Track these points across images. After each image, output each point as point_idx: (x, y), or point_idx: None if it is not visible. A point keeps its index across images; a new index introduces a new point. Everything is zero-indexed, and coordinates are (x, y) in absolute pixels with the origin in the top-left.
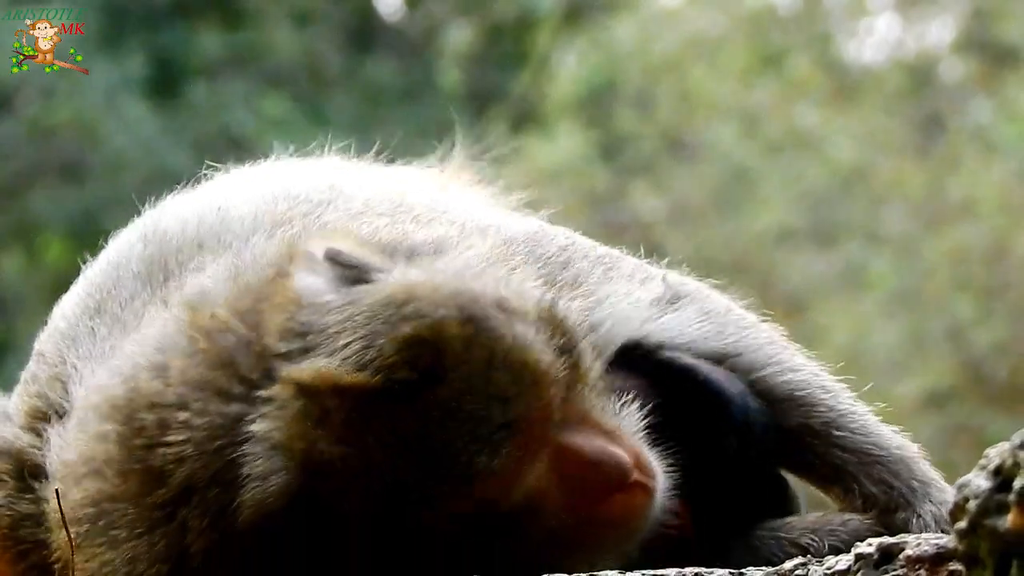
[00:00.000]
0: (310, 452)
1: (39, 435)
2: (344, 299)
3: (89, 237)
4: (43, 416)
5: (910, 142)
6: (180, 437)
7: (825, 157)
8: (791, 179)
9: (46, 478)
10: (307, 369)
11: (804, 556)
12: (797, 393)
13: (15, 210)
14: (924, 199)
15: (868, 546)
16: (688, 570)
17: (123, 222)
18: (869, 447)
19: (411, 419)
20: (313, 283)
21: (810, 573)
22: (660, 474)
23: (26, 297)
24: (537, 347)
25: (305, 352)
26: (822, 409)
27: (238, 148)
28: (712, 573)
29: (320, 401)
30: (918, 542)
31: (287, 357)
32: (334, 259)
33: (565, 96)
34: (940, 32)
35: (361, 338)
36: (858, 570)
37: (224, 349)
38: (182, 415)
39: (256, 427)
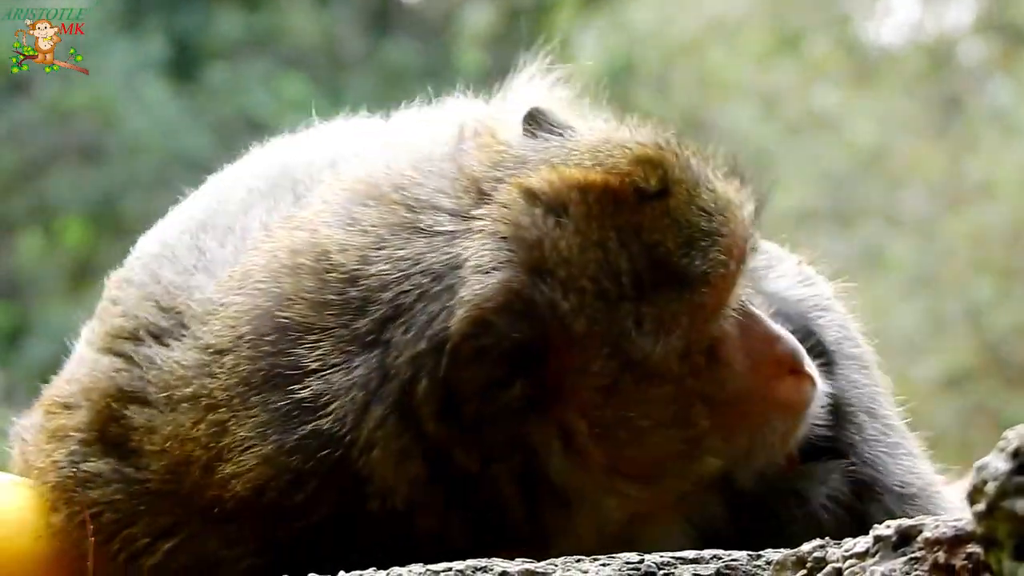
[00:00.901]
0: (538, 244)
1: (125, 356)
2: (563, 137)
3: (107, 219)
4: (131, 336)
5: (929, 124)
6: (383, 267)
7: (844, 139)
8: (809, 161)
9: (135, 401)
10: (541, 173)
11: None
12: (866, 434)
13: (33, 193)
14: (943, 181)
15: (886, 528)
16: (706, 552)
17: (142, 204)
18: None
19: (643, 222)
20: (518, 133)
21: (828, 555)
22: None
23: (44, 280)
24: (733, 185)
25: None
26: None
27: (257, 130)
28: (730, 554)
29: (555, 198)
30: (936, 524)
31: (504, 181)
32: (536, 117)
33: (584, 78)
34: (959, 13)
35: (593, 156)
36: (876, 552)
37: (423, 193)
38: (383, 252)
39: (481, 224)
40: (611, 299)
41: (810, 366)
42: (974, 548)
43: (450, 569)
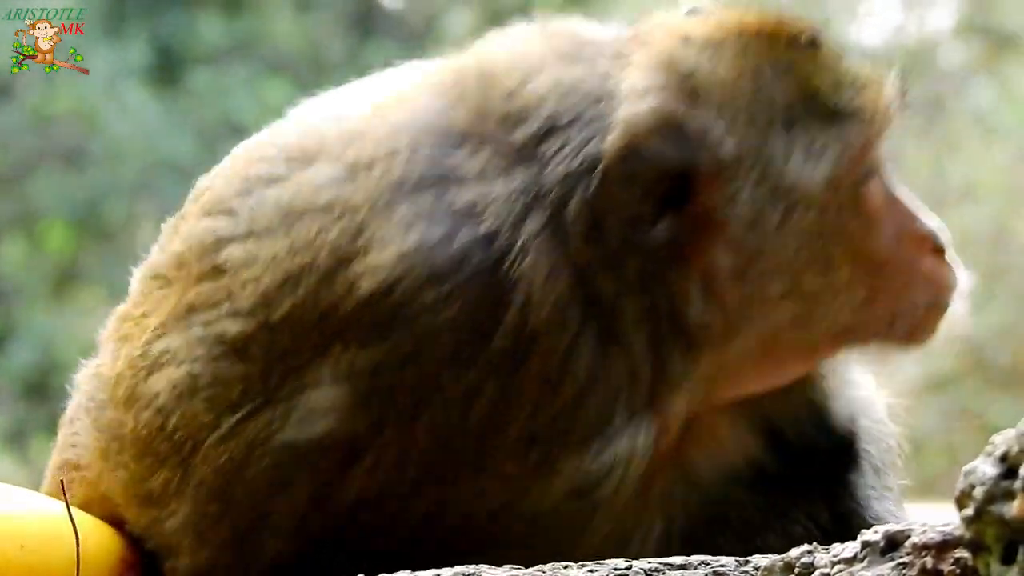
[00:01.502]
0: (692, 73)
1: (228, 212)
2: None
3: (90, 224)
4: (238, 193)
5: (911, 126)
6: (543, 86)
7: None
8: None
9: (234, 241)
10: (696, 21)
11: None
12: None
13: (16, 197)
14: (925, 182)
15: (874, 533)
16: (695, 558)
17: (124, 209)
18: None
19: (795, 60)
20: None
21: (816, 560)
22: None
23: (26, 285)
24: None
25: None
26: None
27: (239, 135)
28: (718, 560)
29: (710, 37)
30: (923, 529)
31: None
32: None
33: None
34: (941, 16)
35: (753, 13)
36: (864, 557)
37: (589, 35)
38: (543, 74)
39: (637, 60)
40: (762, 125)
41: (953, 256)
42: (962, 553)
43: None
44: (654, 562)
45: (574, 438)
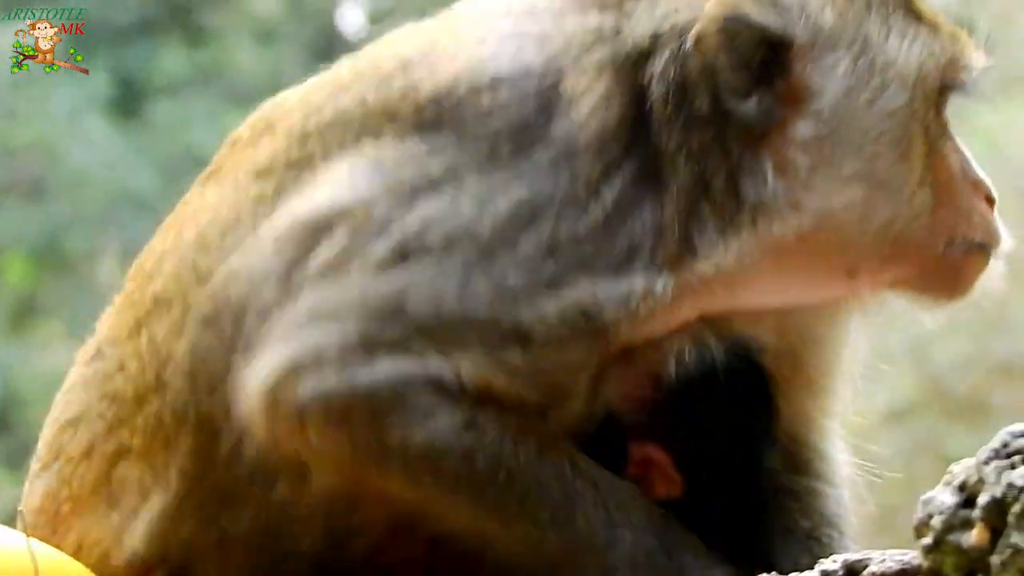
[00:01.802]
0: None
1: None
2: None
3: (51, 257)
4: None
5: None
6: None
7: None
8: None
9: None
10: None
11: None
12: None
13: None
14: None
15: (833, 563)
16: None
17: (85, 242)
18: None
19: None
20: None
21: None
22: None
23: None
24: None
25: None
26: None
27: (201, 167)
28: None
29: None
30: (882, 558)
31: None
32: None
33: None
34: None
35: None
36: None
37: None
38: None
39: None
40: (860, 5)
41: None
42: None
43: None
44: None
45: (593, 265)
